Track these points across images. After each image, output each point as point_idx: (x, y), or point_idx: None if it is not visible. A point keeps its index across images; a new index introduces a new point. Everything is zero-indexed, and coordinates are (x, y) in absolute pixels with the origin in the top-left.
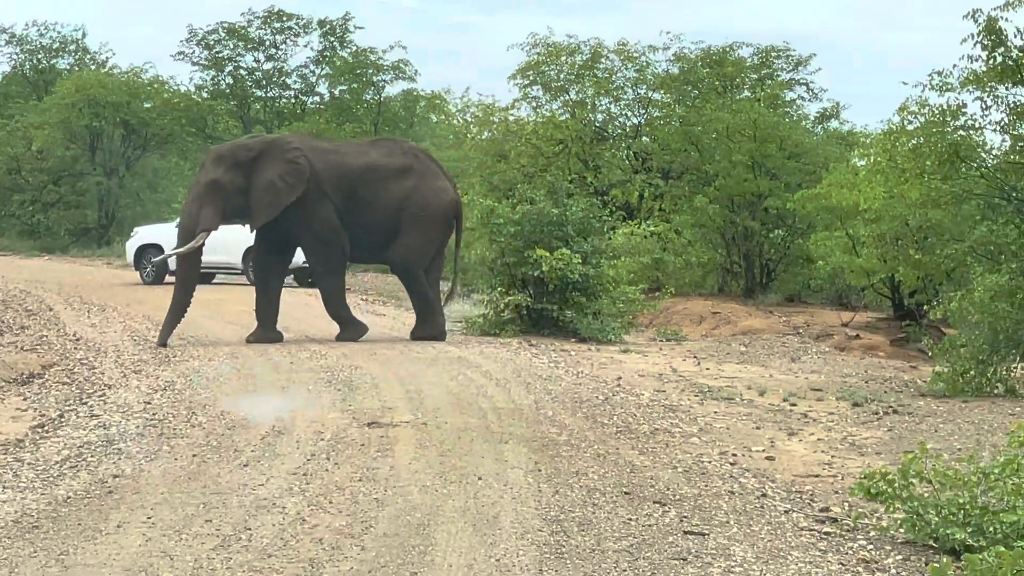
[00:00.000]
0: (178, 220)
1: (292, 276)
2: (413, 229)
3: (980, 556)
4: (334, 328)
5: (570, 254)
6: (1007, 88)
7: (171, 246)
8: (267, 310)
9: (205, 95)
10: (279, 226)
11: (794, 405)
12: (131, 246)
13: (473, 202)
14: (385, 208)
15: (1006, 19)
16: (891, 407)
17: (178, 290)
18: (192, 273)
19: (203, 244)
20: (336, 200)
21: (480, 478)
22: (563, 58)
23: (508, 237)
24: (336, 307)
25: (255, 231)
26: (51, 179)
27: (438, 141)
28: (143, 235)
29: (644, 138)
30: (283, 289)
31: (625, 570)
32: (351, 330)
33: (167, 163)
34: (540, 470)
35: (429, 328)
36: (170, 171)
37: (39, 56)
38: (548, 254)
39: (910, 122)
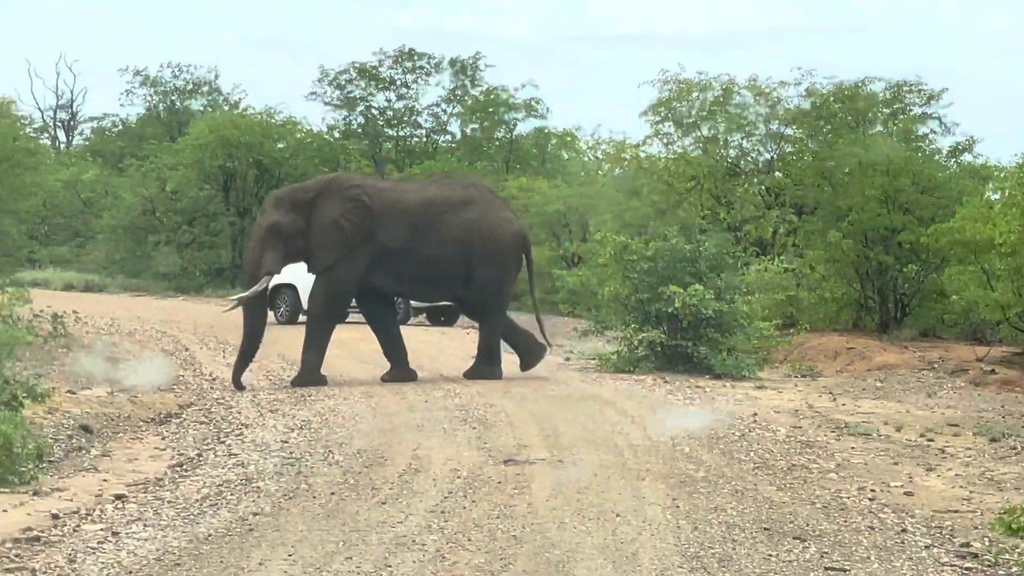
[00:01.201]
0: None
1: (424, 315)
2: (485, 266)
3: None
4: (468, 367)
5: (703, 290)
6: None
7: (305, 285)
8: (394, 349)
9: (337, 135)
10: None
11: (931, 440)
12: None
13: (606, 239)
14: (448, 241)
15: None
16: None
17: (245, 337)
18: (259, 318)
19: (267, 288)
20: (394, 239)
21: (618, 515)
22: (694, 94)
23: (641, 273)
24: (313, 350)
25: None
26: (185, 220)
27: (569, 178)
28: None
29: (777, 173)
30: (412, 327)
31: None
32: (310, 378)
33: None
34: (678, 506)
35: (486, 371)
36: None
37: (173, 98)
38: (681, 290)
39: None
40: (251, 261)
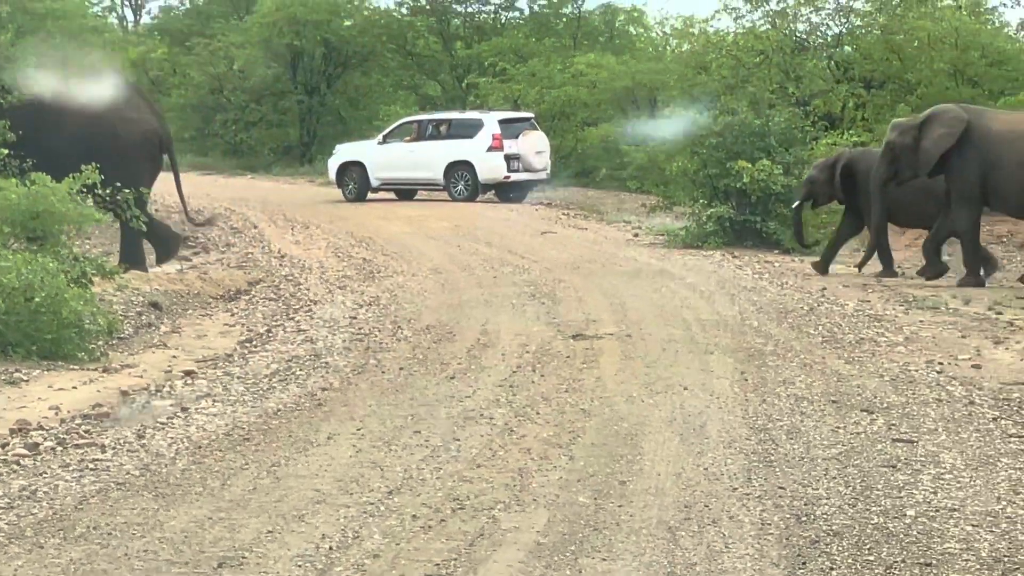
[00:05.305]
0: (378, 137)
1: (493, 191)
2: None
3: None
4: (537, 243)
5: (771, 165)
6: None
7: (373, 163)
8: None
9: (404, 11)
10: None
11: (999, 314)
12: (333, 164)
13: (675, 114)
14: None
15: None
16: None
17: None
18: None
19: None
20: None
21: (686, 388)
22: None
23: (710, 148)
24: None
25: None
26: (252, 98)
27: (637, 54)
28: (345, 153)
29: (846, 48)
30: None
31: (835, 477)
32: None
33: (369, 80)
34: (746, 380)
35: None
36: (371, 89)
37: None
38: (750, 165)
39: None
40: None
